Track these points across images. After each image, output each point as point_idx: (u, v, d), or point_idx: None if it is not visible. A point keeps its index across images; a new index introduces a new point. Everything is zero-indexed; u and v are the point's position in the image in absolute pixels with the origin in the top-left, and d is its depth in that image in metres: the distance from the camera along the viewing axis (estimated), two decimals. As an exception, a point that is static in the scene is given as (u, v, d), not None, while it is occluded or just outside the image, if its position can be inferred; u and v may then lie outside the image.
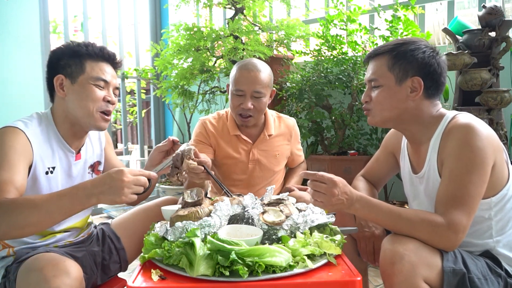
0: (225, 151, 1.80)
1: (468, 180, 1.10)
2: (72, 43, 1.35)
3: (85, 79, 1.30)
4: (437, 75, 1.24)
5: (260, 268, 0.92)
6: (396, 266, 1.02)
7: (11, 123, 1.26)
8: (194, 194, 1.36)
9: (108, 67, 1.36)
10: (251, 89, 1.69)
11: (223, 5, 3.03)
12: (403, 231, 1.11)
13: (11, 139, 1.19)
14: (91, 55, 1.32)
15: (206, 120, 1.86)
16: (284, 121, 1.89)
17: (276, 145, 1.85)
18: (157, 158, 1.46)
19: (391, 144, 1.50)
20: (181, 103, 3.33)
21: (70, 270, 1.01)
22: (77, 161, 1.39)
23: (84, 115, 1.31)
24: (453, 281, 1.04)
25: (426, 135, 1.26)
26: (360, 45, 2.69)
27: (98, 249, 1.42)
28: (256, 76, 1.69)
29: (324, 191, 1.11)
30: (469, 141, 1.12)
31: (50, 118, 1.34)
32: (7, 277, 1.16)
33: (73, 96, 1.31)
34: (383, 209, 1.13)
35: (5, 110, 3.14)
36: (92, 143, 1.48)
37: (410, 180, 1.38)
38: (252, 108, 1.70)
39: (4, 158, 1.14)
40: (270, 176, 1.85)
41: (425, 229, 1.08)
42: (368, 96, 1.32)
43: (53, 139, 1.32)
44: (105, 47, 1.37)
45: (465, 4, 3.37)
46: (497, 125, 2.21)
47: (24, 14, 3.26)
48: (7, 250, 1.24)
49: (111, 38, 5.74)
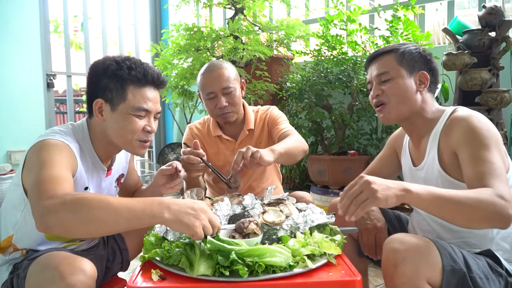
0: (211, 154, 1.83)
1: (490, 156, 1.10)
2: (114, 63, 1.23)
3: (126, 108, 1.23)
4: (436, 72, 1.34)
5: (260, 268, 0.92)
6: (398, 267, 1.01)
7: (49, 135, 1.18)
8: (194, 194, 1.37)
9: (151, 92, 1.27)
10: (219, 88, 1.71)
11: (223, 5, 3.03)
12: (463, 214, 1.00)
13: (57, 148, 1.14)
14: (134, 81, 1.23)
15: (193, 125, 1.91)
16: (260, 111, 1.90)
17: (258, 136, 1.85)
18: (161, 181, 1.43)
19: (394, 144, 1.53)
20: (181, 103, 3.33)
21: (86, 268, 1.00)
22: (107, 178, 1.37)
23: (122, 143, 1.27)
24: (452, 280, 1.03)
25: (428, 129, 1.30)
26: (360, 45, 2.70)
27: (104, 252, 1.42)
28: (219, 74, 1.72)
29: (360, 189, 0.99)
30: (476, 125, 1.15)
31: (86, 133, 1.29)
32: (16, 273, 1.15)
33: (112, 123, 1.24)
34: (439, 190, 1.02)
35: (5, 110, 3.14)
36: (120, 157, 1.45)
37: (410, 174, 1.40)
38: (227, 105, 1.73)
39: (53, 159, 1.10)
40: (260, 170, 1.85)
41: (485, 206, 0.99)
42: (379, 89, 1.31)
43: (88, 156, 1.28)
44: (150, 69, 1.26)
45: (465, 4, 3.37)
46: (497, 125, 2.21)
47: (24, 14, 3.26)
48: (19, 252, 1.23)
49: (111, 38, 5.74)
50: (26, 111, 3.27)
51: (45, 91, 3.45)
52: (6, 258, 1.23)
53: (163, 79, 1.30)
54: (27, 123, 3.25)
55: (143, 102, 1.24)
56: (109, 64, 1.23)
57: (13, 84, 3.19)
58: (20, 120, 3.21)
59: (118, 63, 1.23)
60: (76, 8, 4.45)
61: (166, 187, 1.43)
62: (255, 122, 1.87)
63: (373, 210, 1.40)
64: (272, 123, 1.83)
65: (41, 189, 1.01)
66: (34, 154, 1.13)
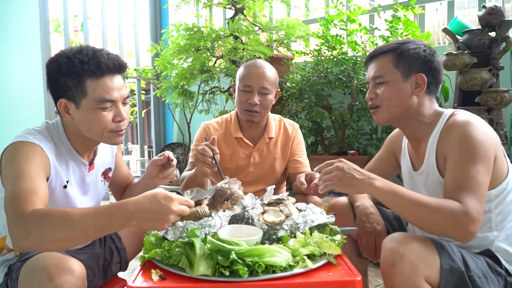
0: (226, 155, 1.82)
1: (474, 170, 1.10)
2: (66, 60, 1.17)
3: (89, 103, 1.18)
4: (437, 72, 1.29)
5: (260, 268, 0.92)
6: (397, 266, 1.02)
7: (22, 136, 1.17)
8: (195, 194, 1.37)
9: (112, 80, 1.20)
10: (258, 85, 1.73)
11: (223, 5, 3.03)
12: (421, 217, 1.07)
13: (28, 152, 1.13)
14: (90, 74, 1.17)
15: (209, 125, 1.88)
16: (286, 125, 1.90)
17: (277, 148, 1.85)
18: (153, 171, 1.42)
19: (393, 144, 1.52)
20: (181, 103, 3.33)
21: (74, 268, 1.01)
22: (90, 172, 1.36)
23: (96, 137, 1.25)
24: (450, 279, 1.04)
25: (426, 132, 1.28)
26: (360, 45, 2.70)
27: (101, 251, 1.42)
28: (263, 73, 1.74)
29: (331, 169, 1.11)
30: (470, 134, 1.13)
31: (61, 130, 1.27)
32: (10, 275, 1.16)
33: (81, 120, 1.21)
34: (404, 191, 1.09)
35: (5, 110, 3.14)
36: (103, 150, 1.43)
37: (410, 177, 1.39)
38: (259, 104, 1.73)
39: (24, 170, 1.09)
40: (271, 180, 1.86)
41: (444, 215, 1.04)
42: (373, 93, 1.32)
43: (66, 152, 1.26)
44: (103, 57, 1.18)
45: (465, 4, 3.37)
46: (497, 125, 2.21)
47: (24, 14, 3.26)
48: (13, 253, 1.23)
49: (111, 38, 5.74)
50: (26, 111, 3.27)
51: (45, 91, 3.45)
52: (1, 260, 1.23)
53: (121, 63, 1.22)
54: (27, 123, 3.20)
55: (105, 93, 1.18)
56: (61, 62, 1.17)
57: (13, 84, 3.19)
58: (20, 120, 3.20)
59: (69, 58, 1.17)
60: (76, 8, 4.45)
61: (159, 178, 1.42)
62: (276, 132, 1.87)
63: (373, 213, 1.39)
64: (294, 147, 1.87)
65: (12, 209, 1.03)
66: (7, 161, 1.13)
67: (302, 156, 1.88)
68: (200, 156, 1.49)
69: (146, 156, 4.91)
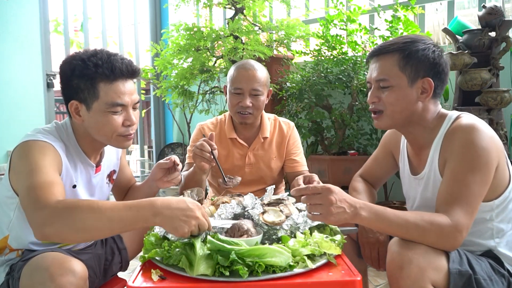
0: (221, 156, 1.81)
1: (471, 180, 1.08)
2: (80, 62, 1.19)
3: (101, 106, 1.20)
4: (444, 75, 1.22)
5: (260, 268, 0.92)
6: (404, 270, 1.01)
7: (33, 135, 1.17)
8: (195, 194, 1.37)
9: (124, 84, 1.22)
10: (249, 87, 1.71)
11: (223, 5, 3.03)
12: (411, 237, 1.06)
13: (43, 149, 1.14)
14: (103, 78, 1.19)
15: (204, 125, 1.88)
16: (281, 124, 1.89)
17: (272, 148, 1.85)
18: (158, 174, 1.43)
19: (390, 144, 1.48)
20: (181, 103, 3.33)
21: (76, 269, 1.01)
22: (97, 174, 1.36)
23: (105, 140, 1.26)
24: (459, 282, 1.03)
25: (429, 137, 1.23)
26: (360, 45, 2.70)
27: (102, 251, 1.42)
28: (254, 75, 1.72)
29: (320, 201, 1.02)
30: (473, 141, 1.10)
31: (70, 131, 1.28)
32: (11, 275, 1.15)
33: (91, 123, 1.23)
34: (389, 216, 1.06)
35: (5, 110, 3.14)
36: (110, 153, 1.44)
37: (408, 181, 1.36)
38: (251, 106, 1.72)
39: (41, 164, 1.10)
40: (268, 180, 1.85)
41: (433, 232, 1.04)
42: (376, 97, 1.24)
43: (74, 153, 1.27)
44: (117, 62, 1.20)
45: (465, 4, 3.37)
46: (497, 125, 2.21)
47: (24, 14, 3.26)
48: (15, 253, 1.23)
49: (111, 38, 5.74)
50: (26, 111, 3.27)
51: (45, 91, 3.45)
52: (3, 259, 1.23)
53: (134, 69, 1.24)
54: (27, 123, 3.24)
55: (117, 98, 1.20)
56: (76, 64, 1.19)
57: (13, 84, 3.19)
58: (20, 120, 3.21)
59: (84, 61, 1.18)
60: (76, 8, 4.45)
61: (163, 181, 1.43)
62: (271, 131, 1.86)
63: None
64: (290, 146, 1.86)
65: (33, 198, 1.03)
66: (20, 158, 1.13)
67: (299, 155, 1.86)
68: (199, 151, 1.48)
69: (146, 156, 4.91)
